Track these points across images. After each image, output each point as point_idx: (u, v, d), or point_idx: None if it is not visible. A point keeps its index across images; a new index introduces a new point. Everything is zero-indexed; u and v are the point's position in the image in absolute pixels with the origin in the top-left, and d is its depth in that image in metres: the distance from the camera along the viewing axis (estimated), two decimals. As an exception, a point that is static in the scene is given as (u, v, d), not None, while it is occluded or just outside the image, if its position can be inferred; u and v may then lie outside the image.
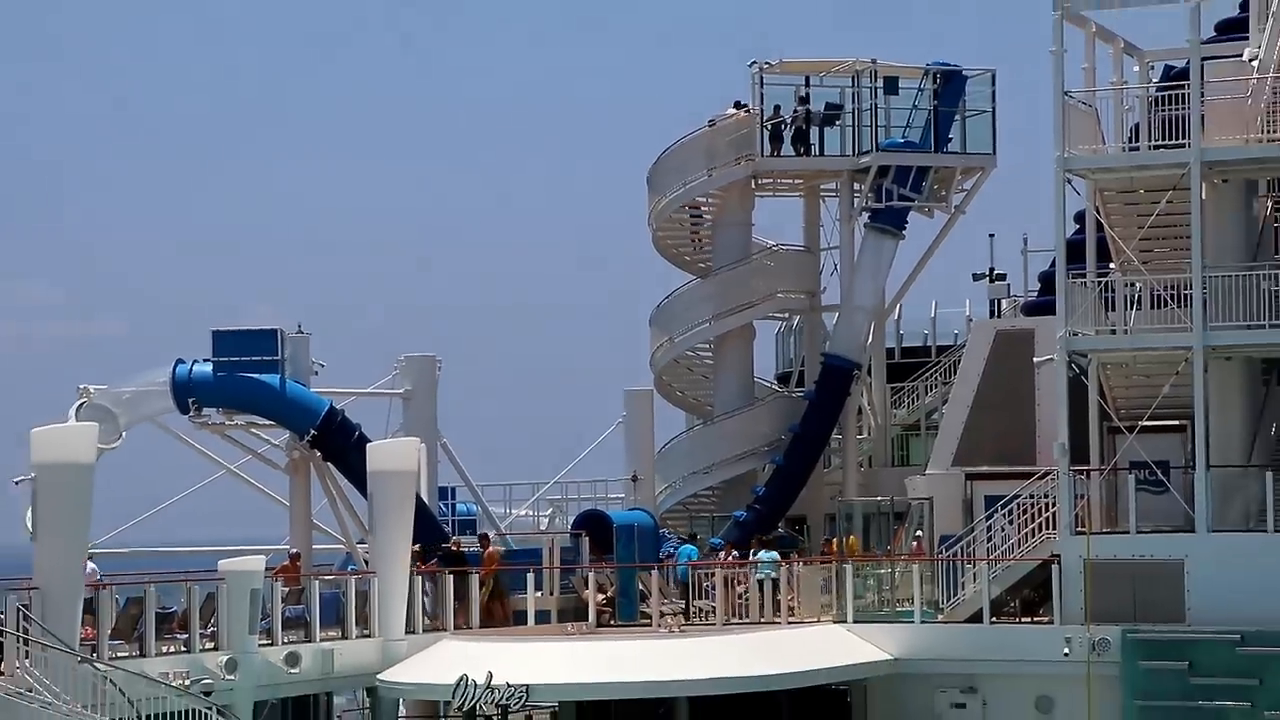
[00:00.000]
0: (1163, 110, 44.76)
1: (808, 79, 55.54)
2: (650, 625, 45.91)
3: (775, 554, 47.68)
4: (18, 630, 34.70)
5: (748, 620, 45.86)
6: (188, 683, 36.78)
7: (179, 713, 35.01)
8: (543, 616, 46.75)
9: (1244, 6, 48.93)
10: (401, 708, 45.93)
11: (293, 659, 40.33)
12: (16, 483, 42.12)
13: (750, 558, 47.62)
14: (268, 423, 51.90)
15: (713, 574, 47.85)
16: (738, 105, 56.03)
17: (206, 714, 35.40)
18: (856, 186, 55.42)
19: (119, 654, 37.21)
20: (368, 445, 46.53)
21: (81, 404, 49.02)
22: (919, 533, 52.19)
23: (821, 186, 56.96)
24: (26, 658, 34.23)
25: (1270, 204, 47.60)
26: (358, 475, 46.89)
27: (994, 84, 56.16)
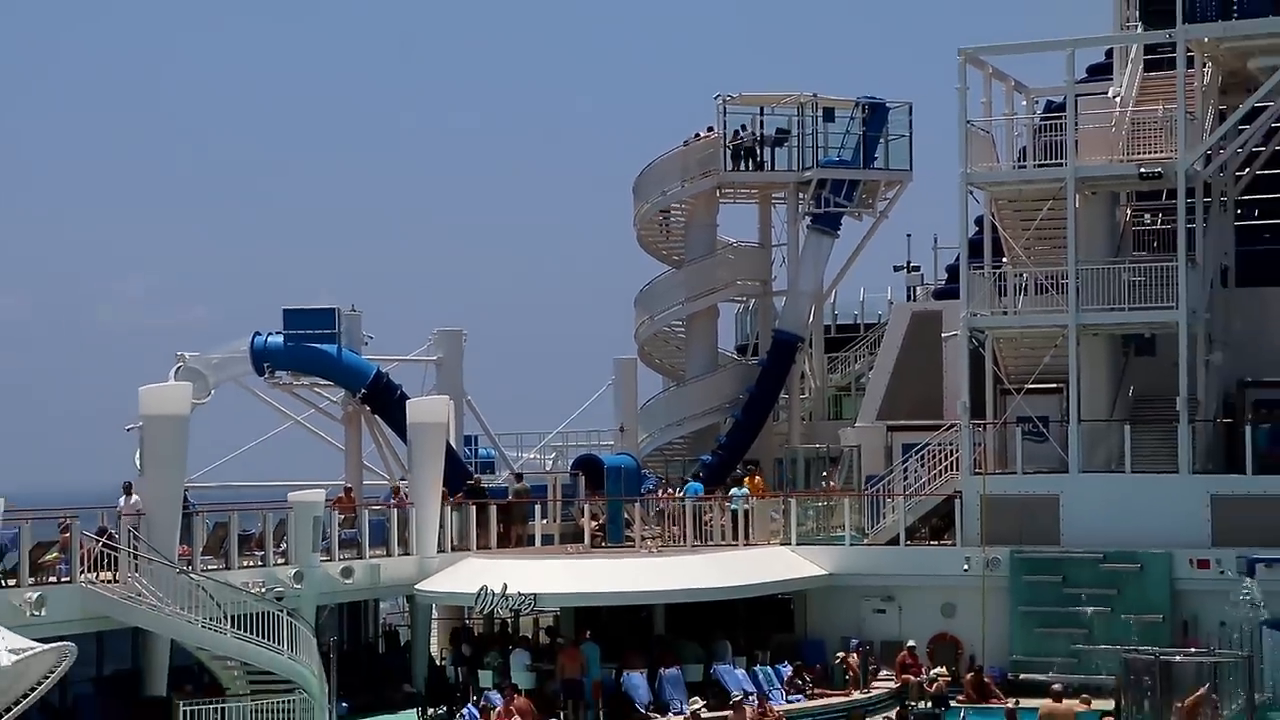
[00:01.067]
0: (1044, 136, 46.46)
1: (762, 109, 56.35)
2: (633, 546, 46.73)
3: (746, 490, 48.45)
4: (130, 548, 36.53)
5: (712, 543, 46.83)
6: (264, 590, 38.63)
7: (257, 614, 36.49)
8: (547, 540, 48.04)
9: (1109, 54, 50.29)
10: (434, 611, 46.47)
11: (347, 572, 42.03)
12: (128, 429, 43.43)
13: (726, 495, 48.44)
14: (327, 383, 53.68)
15: (711, 505, 48.36)
16: (710, 130, 56.50)
17: (279, 616, 36.86)
18: (801, 195, 56.05)
19: (208, 567, 39.03)
20: (407, 402, 47.92)
21: (178, 367, 49.73)
22: (825, 477, 53.17)
23: (772, 195, 57.85)
24: (136, 570, 36.18)
25: (1129, 212, 49.08)
26: (399, 426, 48.64)
27: (911, 114, 56.94)
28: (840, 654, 43.63)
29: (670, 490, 50.66)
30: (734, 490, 48.65)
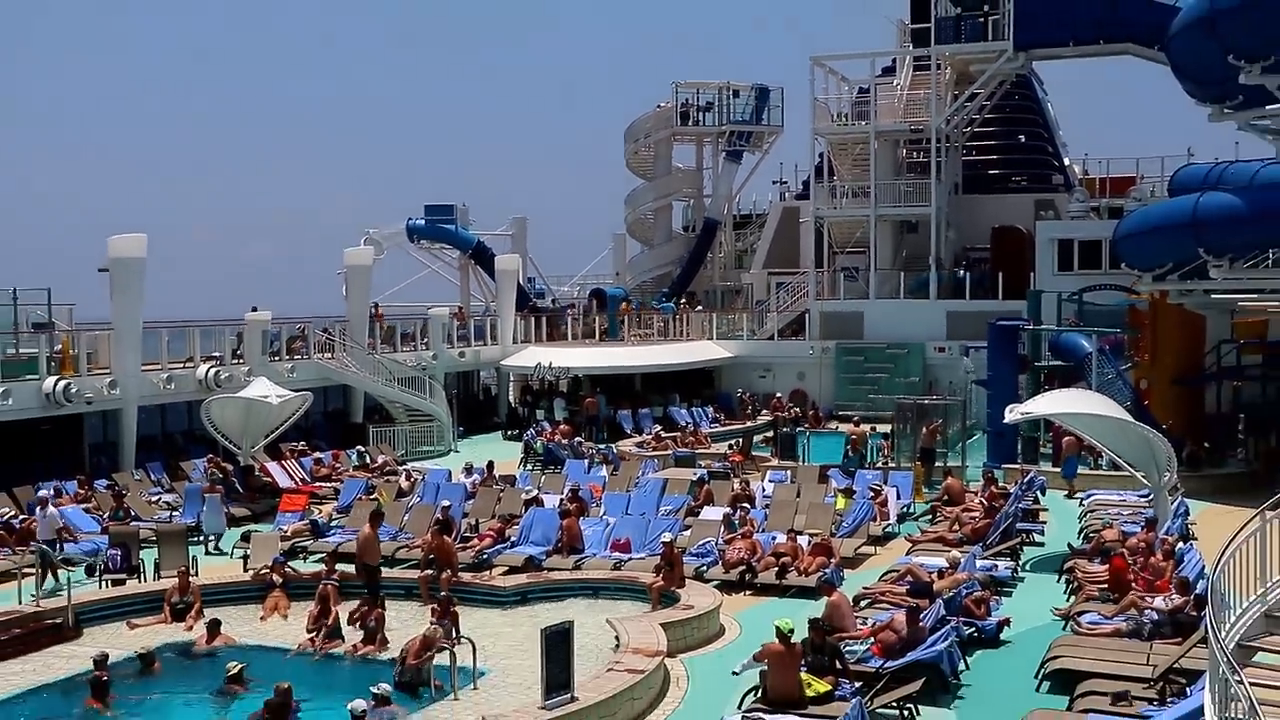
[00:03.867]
0: (858, 107, 49.10)
1: (698, 90, 57.21)
2: (623, 340, 49.10)
3: (673, 305, 51.11)
4: (340, 339, 39.02)
5: (668, 338, 49.21)
6: (416, 364, 40.85)
7: (412, 378, 39.44)
8: (575, 336, 49.52)
9: (894, 61, 50.77)
10: (511, 377, 47.53)
11: (461, 354, 44.48)
12: (339, 273, 44.03)
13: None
14: (449, 247, 55.98)
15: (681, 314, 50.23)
16: (667, 102, 57.30)
17: (423, 378, 39.67)
18: (720, 140, 57.40)
19: (385, 350, 41.14)
20: (495, 257, 50.48)
21: (366, 237, 51.23)
22: (733, 302, 53.44)
23: (703, 140, 58.35)
24: (332, 358, 38.63)
25: (904, 151, 49.89)
26: (490, 271, 50.72)
27: (782, 94, 57.08)
28: (741, 399, 45.64)
29: (653, 305, 52.16)
30: (665, 304, 51.52)
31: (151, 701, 15.78)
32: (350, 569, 20.90)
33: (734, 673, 15.96)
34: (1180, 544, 20.40)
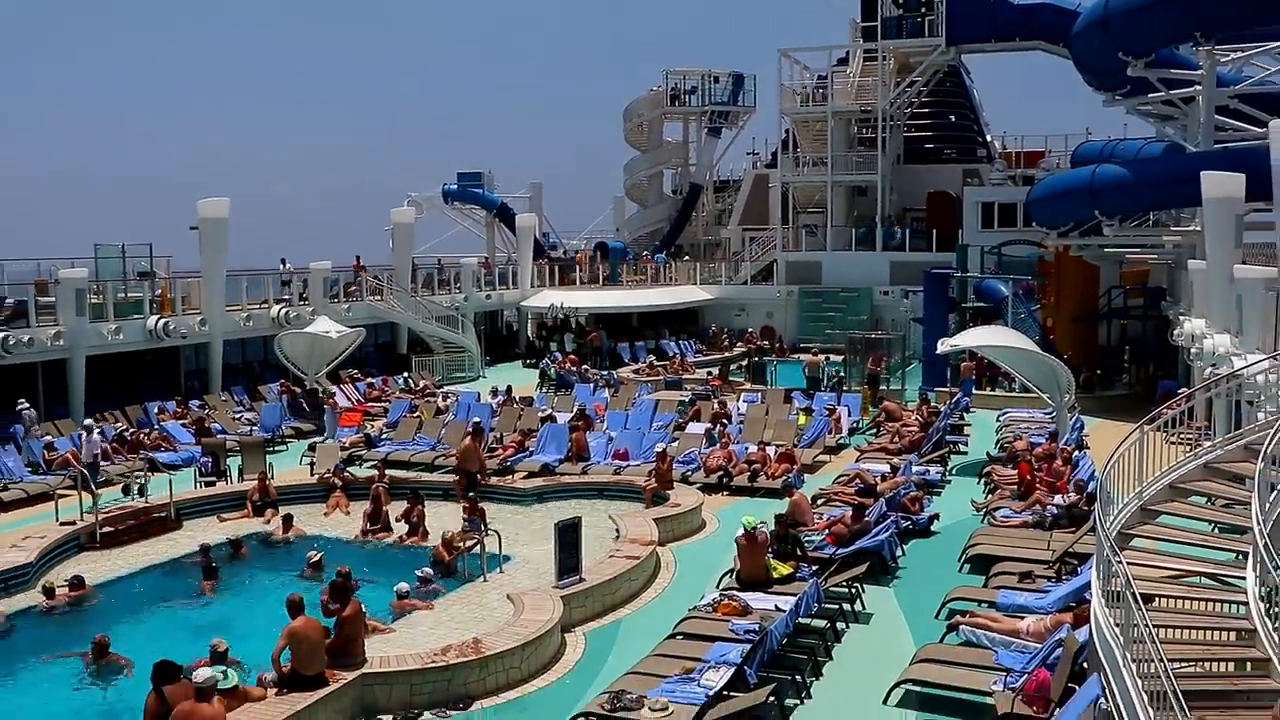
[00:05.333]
0: (818, 91, 48.04)
1: (684, 76, 55.97)
2: (622, 285, 47.66)
3: (664, 256, 50.42)
4: (387, 283, 38.71)
5: (661, 283, 47.62)
6: (449, 304, 40.18)
7: (446, 316, 38.82)
8: (583, 281, 47.97)
9: (848, 53, 49.05)
10: (529, 315, 46.28)
11: (487, 296, 43.72)
12: (386, 229, 43.03)
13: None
14: (478, 207, 53.90)
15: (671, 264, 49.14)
16: (659, 86, 56.36)
17: (456, 316, 39.19)
18: (703, 118, 56.34)
19: (425, 293, 40.12)
20: (516, 216, 49.25)
21: (408, 199, 50.40)
22: (713, 253, 53.79)
23: (689, 117, 56.94)
24: (381, 300, 38.09)
25: (856, 128, 48.38)
26: (512, 227, 49.14)
27: (755, 80, 55.95)
28: (714, 333, 45.33)
29: (645, 255, 51.11)
30: (658, 255, 50.72)
31: (250, 583, 16.07)
32: (399, 473, 21.07)
33: None
34: (1076, 452, 20.82)
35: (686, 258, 52.20)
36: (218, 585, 15.75)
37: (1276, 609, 8.98)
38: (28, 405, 24.51)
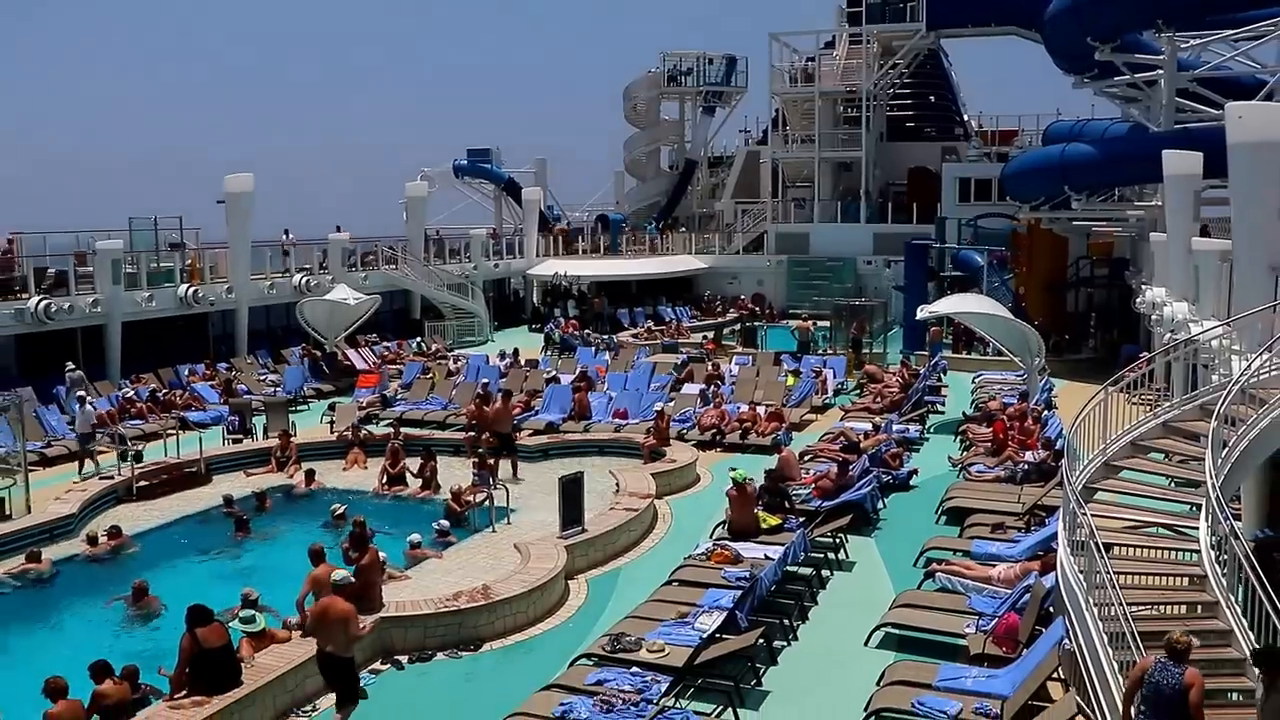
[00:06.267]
0: (806, 72, 47.40)
1: (680, 58, 54.73)
2: (622, 254, 47.41)
3: (655, 227, 49.20)
4: (402, 253, 37.92)
5: (659, 253, 47.31)
6: (459, 273, 39.77)
7: (458, 284, 38.72)
8: (585, 251, 47.70)
9: (834, 37, 48.66)
10: (535, 283, 44.96)
11: (495, 265, 43.04)
12: (400, 202, 42.65)
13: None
14: (487, 181, 53.06)
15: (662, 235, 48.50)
16: (657, 68, 55.31)
17: (466, 284, 39.03)
18: (698, 97, 54.98)
19: (437, 263, 39.61)
20: (522, 189, 49.07)
21: (420, 174, 50.04)
22: (708, 226, 52.49)
23: (685, 97, 55.62)
24: (396, 268, 37.33)
25: (842, 108, 47.65)
26: (518, 200, 49.29)
27: (747, 62, 54.62)
28: (706, 300, 45.07)
29: (629, 227, 50.79)
30: (650, 226, 50.24)
31: (277, 534, 16.10)
32: (413, 431, 21.13)
33: None
34: (1045, 412, 20.74)
35: (682, 229, 51.35)
36: (248, 536, 15.87)
37: (1225, 556, 9.10)
38: (75, 368, 24.48)
